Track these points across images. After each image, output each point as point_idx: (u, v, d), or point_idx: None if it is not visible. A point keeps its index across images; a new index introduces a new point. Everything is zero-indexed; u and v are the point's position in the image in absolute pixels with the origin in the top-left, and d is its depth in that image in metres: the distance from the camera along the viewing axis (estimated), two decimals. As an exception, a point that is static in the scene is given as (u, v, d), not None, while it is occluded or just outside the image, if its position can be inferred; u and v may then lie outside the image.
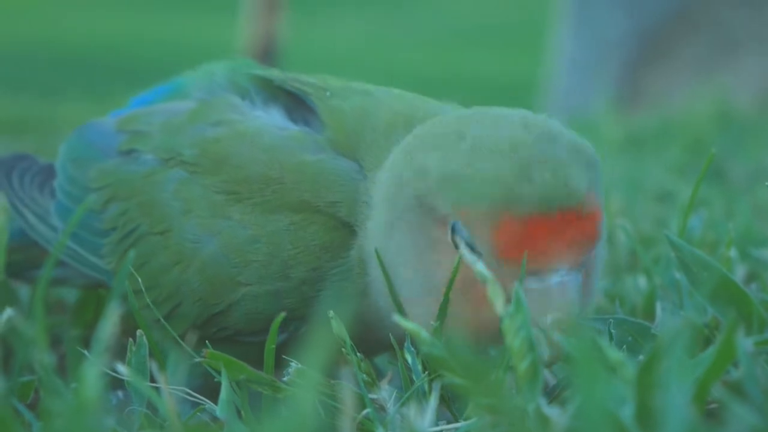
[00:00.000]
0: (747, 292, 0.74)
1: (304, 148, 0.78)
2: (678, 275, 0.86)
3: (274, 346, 0.73)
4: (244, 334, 0.78)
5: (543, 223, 0.65)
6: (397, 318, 0.66)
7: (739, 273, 1.01)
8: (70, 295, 1.04)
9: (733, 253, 0.91)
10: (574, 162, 0.68)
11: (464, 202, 0.67)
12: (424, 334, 0.65)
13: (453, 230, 0.68)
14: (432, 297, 0.70)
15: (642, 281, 1.04)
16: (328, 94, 0.81)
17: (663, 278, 0.93)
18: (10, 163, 0.96)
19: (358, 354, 0.72)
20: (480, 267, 0.66)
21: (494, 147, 0.68)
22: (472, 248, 0.67)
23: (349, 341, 0.72)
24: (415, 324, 0.65)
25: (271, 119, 0.82)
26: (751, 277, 1.02)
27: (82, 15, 10.75)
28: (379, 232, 0.73)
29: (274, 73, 0.86)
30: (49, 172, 0.94)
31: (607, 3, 4.49)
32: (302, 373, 0.54)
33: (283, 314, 0.72)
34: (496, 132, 0.69)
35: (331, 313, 0.72)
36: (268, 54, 6.00)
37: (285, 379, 0.71)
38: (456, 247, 0.68)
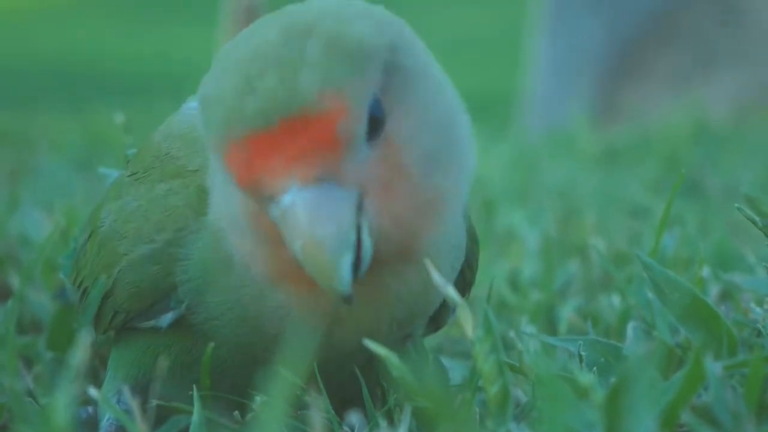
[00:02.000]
0: (718, 312, 0.74)
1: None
2: (650, 295, 0.86)
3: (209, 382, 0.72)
4: (134, 319, 0.74)
5: (263, 140, 0.57)
6: (368, 343, 0.65)
7: (713, 292, 1.01)
8: (45, 314, 1.04)
9: (705, 272, 0.91)
10: (320, 56, 0.57)
11: (207, 129, 0.60)
12: (394, 358, 0.65)
13: None
14: (245, 237, 0.65)
15: (616, 300, 1.04)
16: None
17: (636, 298, 0.93)
18: None
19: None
20: (450, 291, 0.66)
21: (238, 57, 0.60)
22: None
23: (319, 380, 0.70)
24: (385, 349, 0.65)
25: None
26: (724, 296, 1.02)
27: (58, 27, 10.72)
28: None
29: None
30: None
31: (584, 15, 4.51)
32: (267, 405, 0.54)
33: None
34: (252, 38, 0.60)
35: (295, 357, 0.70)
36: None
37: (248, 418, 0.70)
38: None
